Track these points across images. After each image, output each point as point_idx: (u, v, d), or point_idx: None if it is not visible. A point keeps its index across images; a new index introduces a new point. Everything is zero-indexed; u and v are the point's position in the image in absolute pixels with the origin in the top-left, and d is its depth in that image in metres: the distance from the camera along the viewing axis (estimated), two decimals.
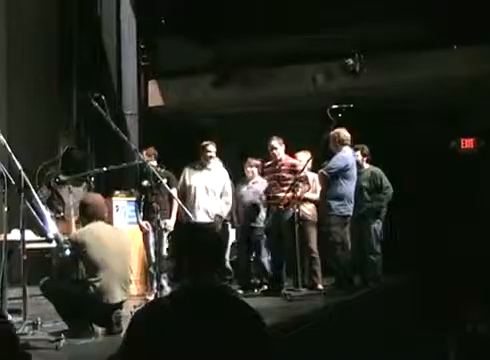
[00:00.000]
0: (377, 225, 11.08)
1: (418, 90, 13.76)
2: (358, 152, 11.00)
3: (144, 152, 10.40)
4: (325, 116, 9.93)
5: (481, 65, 12.82)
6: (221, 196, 10.70)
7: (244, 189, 11.25)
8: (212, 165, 10.68)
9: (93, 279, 6.69)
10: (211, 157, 10.62)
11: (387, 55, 13.45)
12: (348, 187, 10.29)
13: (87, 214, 6.98)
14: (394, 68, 13.31)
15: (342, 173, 10.25)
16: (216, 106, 15.21)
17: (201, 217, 10.34)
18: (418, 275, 11.61)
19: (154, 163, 10.61)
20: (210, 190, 10.61)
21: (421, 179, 13.63)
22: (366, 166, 11.20)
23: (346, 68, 13.48)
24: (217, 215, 10.61)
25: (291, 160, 10.65)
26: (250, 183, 11.24)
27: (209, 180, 10.63)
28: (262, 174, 11.09)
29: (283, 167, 10.57)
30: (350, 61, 13.42)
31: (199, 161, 10.72)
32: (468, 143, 14.93)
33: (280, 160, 10.59)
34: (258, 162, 11.28)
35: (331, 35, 13.27)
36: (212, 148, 10.65)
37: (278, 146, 10.58)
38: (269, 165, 10.81)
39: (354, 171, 10.44)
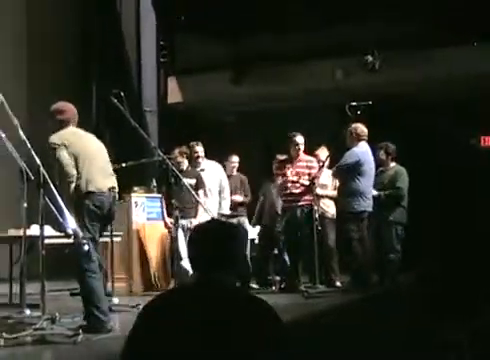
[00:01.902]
0: (397, 223, 11.00)
1: (437, 87, 13.73)
2: (382, 151, 10.86)
3: (176, 151, 10.41)
4: (344, 112, 9.90)
5: None
6: (219, 193, 10.67)
7: (271, 187, 11.21)
8: (204, 165, 10.63)
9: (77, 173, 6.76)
10: (198, 157, 10.57)
11: (406, 52, 13.40)
12: (362, 183, 10.19)
13: (64, 120, 6.95)
14: (412, 65, 13.27)
15: (355, 169, 10.18)
16: (235, 102, 15.21)
17: (203, 217, 10.29)
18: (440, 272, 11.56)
19: (186, 162, 10.63)
20: (208, 190, 10.54)
21: (442, 177, 13.59)
22: (392, 164, 10.99)
23: (365, 65, 13.46)
24: (219, 213, 10.56)
25: (308, 157, 10.64)
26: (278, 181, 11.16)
27: (206, 180, 10.54)
28: (276, 169, 11.04)
29: (300, 163, 10.55)
30: (369, 58, 13.40)
31: (192, 163, 10.65)
32: (488, 140, 14.90)
33: (298, 156, 10.58)
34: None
35: (350, 32, 13.24)
36: (199, 148, 10.60)
37: (302, 142, 10.56)
38: (283, 161, 10.78)
39: (368, 167, 10.33)
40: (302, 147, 10.53)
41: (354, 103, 9.96)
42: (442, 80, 13.37)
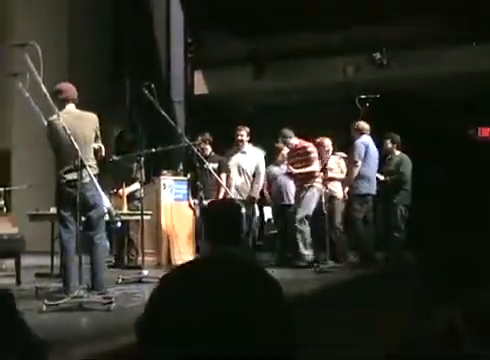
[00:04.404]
0: (401, 205, 11.13)
1: (440, 83, 13.69)
2: (388, 140, 11.13)
3: (199, 138, 10.45)
4: (354, 105, 9.95)
5: None
6: (254, 176, 10.69)
7: (275, 170, 11.24)
8: (246, 148, 10.67)
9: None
10: (241, 141, 10.59)
11: (411, 50, 13.37)
12: (366, 168, 10.43)
13: (63, 99, 6.85)
14: (419, 62, 13.24)
15: (363, 157, 10.43)
16: (255, 95, 15.25)
17: (234, 196, 10.36)
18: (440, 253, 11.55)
19: (209, 148, 10.68)
20: (243, 171, 10.60)
21: (444, 165, 13.56)
22: (397, 153, 11.25)
23: (374, 61, 13.43)
24: (249, 194, 10.60)
25: (304, 143, 10.69)
26: (281, 165, 11.22)
27: (242, 161, 10.61)
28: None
29: (299, 151, 10.62)
30: (378, 55, 13.37)
31: (235, 144, 10.73)
32: (484, 132, 14.89)
33: (296, 145, 10.64)
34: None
35: (361, 31, 13.22)
36: (242, 133, 10.63)
37: (292, 135, 10.64)
38: (289, 152, 10.88)
39: (372, 155, 10.57)
40: (290, 140, 10.58)
41: (363, 96, 10.02)
42: (444, 76, 13.34)
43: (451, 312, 9.21)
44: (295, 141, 10.62)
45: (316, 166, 10.47)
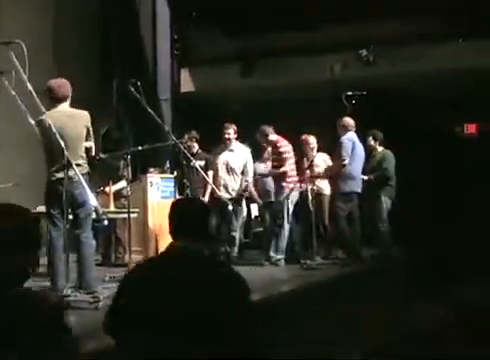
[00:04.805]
0: (386, 198, 11.22)
1: (426, 79, 13.73)
2: (370, 137, 11.21)
3: (186, 136, 10.46)
4: (341, 102, 9.99)
5: (484, 57, 12.76)
6: (242, 174, 10.70)
7: (262, 167, 11.26)
8: (234, 146, 10.68)
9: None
10: (229, 139, 10.60)
11: (398, 47, 13.40)
12: (351, 166, 10.46)
13: (54, 97, 6.82)
14: (405, 59, 13.27)
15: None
16: (242, 93, 15.25)
17: (222, 193, 10.37)
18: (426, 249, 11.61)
19: (196, 146, 10.68)
20: (231, 169, 10.62)
21: (430, 161, 13.63)
22: (380, 149, 11.33)
23: (361, 58, 13.45)
24: (238, 192, 10.62)
25: (279, 142, 10.64)
26: (268, 162, 11.23)
27: (230, 159, 10.63)
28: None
29: (275, 150, 10.63)
30: (364, 52, 13.39)
31: (223, 142, 10.75)
32: (471, 128, 14.97)
33: (274, 143, 10.61)
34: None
35: (348, 28, 13.25)
36: (230, 131, 10.64)
37: (270, 132, 10.60)
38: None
39: (356, 153, 10.60)
40: (270, 137, 10.56)
41: (350, 93, 10.06)
42: (431, 73, 13.38)
43: (436, 307, 9.26)
44: (274, 138, 10.57)
45: (289, 166, 10.41)
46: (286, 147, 10.48)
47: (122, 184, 9.70)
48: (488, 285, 9.80)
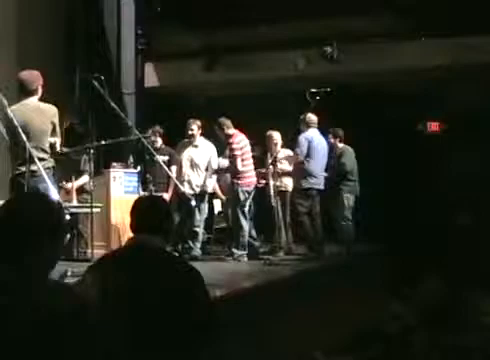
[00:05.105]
0: (348, 194, 11.31)
1: (390, 77, 13.83)
2: (330, 135, 11.34)
3: (150, 130, 10.44)
4: (305, 98, 10.04)
5: (447, 56, 12.89)
6: (206, 170, 10.71)
7: (225, 163, 11.27)
8: (198, 141, 10.68)
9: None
10: (192, 135, 10.61)
11: (362, 45, 13.48)
12: (309, 163, 10.53)
13: (23, 90, 6.79)
14: (369, 56, 13.35)
15: (306, 152, 10.54)
16: (206, 88, 15.26)
17: (187, 189, 10.36)
18: (386, 244, 11.72)
19: (159, 140, 10.66)
20: (195, 164, 10.63)
21: (392, 158, 13.74)
22: (340, 145, 11.43)
23: (325, 55, 13.50)
24: (202, 188, 10.63)
25: (233, 138, 10.61)
26: None
27: (194, 155, 10.64)
28: None
29: (228, 145, 10.65)
30: (328, 49, 13.45)
31: (187, 138, 10.75)
32: (433, 126, 15.11)
33: (230, 137, 10.59)
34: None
35: (313, 25, 13.29)
36: (193, 127, 10.63)
37: (228, 125, 10.57)
38: None
39: (316, 150, 10.65)
40: (227, 130, 10.53)
41: (314, 90, 10.12)
42: (394, 71, 13.48)
43: (400, 304, 9.32)
44: (230, 132, 10.53)
45: (243, 162, 10.39)
46: (240, 143, 10.43)
47: (85, 179, 9.66)
48: (448, 281, 9.93)
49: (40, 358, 2.52)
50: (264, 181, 11.09)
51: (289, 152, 11.30)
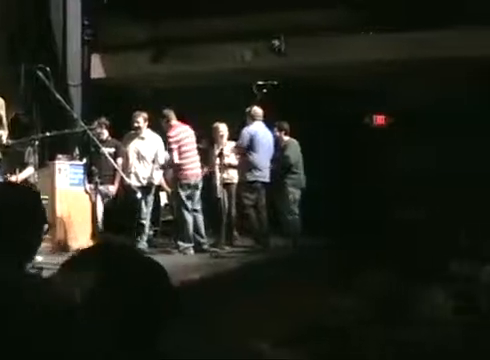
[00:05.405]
0: (292, 188, 11.39)
1: (338, 70, 13.91)
2: (275, 128, 11.42)
3: (96, 122, 10.38)
4: (251, 91, 10.07)
5: (397, 50, 13.00)
6: (153, 162, 10.71)
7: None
8: (145, 134, 10.67)
9: None
10: (139, 127, 10.60)
11: (310, 37, 13.53)
12: (254, 156, 10.61)
13: None
14: (317, 50, 13.41)
15: (248, 145, 10.59)
16: (153, 80, 15.20)
17: (133, 181, 10.35)
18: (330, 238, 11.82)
19: (105, 132, 10.61)
20: (142, 156, 10.61)
21: (338, 152, 13.86)
22: (285, 138, 11.51)
23: (272, 48, 13.52)
24: (148, 180, 10.63)
25: (172, 130, 10.64)
26: None
27: (141, 147, 10.63)
28: None
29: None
30: (276, 42, 13.47)
31: (133, 130, 10.72)
32: (379, 120, 15.28)
33: (169, 127, 10.62)
34: None
35: (261, 17, 13.31)
36: (139, 119, 10.62)
37: (171, 117, 10.58)
38: None
39: (261, 143, 10.72)
40: (169, 122, 10.54)
41: (260, 82, 10.16)
42: (342, 65, 13.56)
43: (346, 297, 9.43)
44: (171, 124, 10.54)
45: (181, 155, 10.40)
46: (178, 135, 10.43)
47: (29, 171, 9.58)
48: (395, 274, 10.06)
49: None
50: (210, 173, 11.12)
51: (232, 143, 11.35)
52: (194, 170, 10.45)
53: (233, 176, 11.26)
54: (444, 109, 13.44)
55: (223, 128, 11.26)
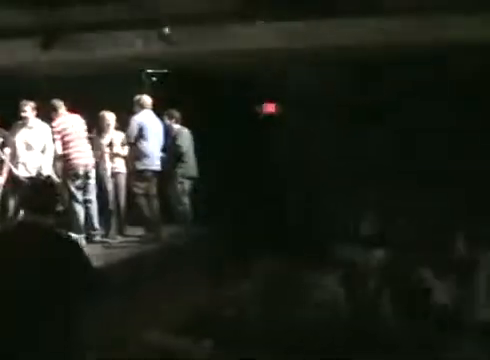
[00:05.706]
0: (181, 178, 11.43)
1: (228, 59, 13.98)
2: (166, 117, 11.43)
3: None
4: (140, 80, 10.04)
5: (285, 39, 13.14)
6: (42, 152, 10.57)
7: None
8: (33, 123, 10.51)
9: None
10: (25, 117, 10.45)
11: (202, 26, 13.52)
12: (143, 145, 10.64)
13: None
14: (207, 38, 13.42)
15: (138, 134, 10.60)
16: (43, 68, 14.93)
17: (21, 172, 10.20)
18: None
19: None
20: (30, 146, 10.48)
21: (230, 140, 13.95)
22: (176, 127, 11.52)
23: (163, 36, 13.45)
24: (38, 170, 10.49)
25: (57, 119, 10.62)
26: None
27: (29, 137, 10.49)
28: None
29: None
30: (166, 30, 13.40)
31: (20, 119, 10.57)
32: (269, 107, 15.46)
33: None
34: None
35: (151, 4, 13.22)
36: (26, 108, 10.49)
37: (60, 106, 10.53)
38: None
39: (151, 132, 10.74)
40: (57, 110, 10.49)
41: (150, 71, 10.15)
42: (234, 53, 13.63)
43: (238, 285, 9.55)
44: (61, 112, 10.47)
45: (65, 145, 10.35)
46: (60, 125, 10.38)
47: None
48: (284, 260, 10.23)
49: None
50: (96, 163, 11.02)
51: (123, 135, 11.31)
52: (81, 159, 10.37)
53: (121, 166, 11.19)
54: (328, 95, 13.74)
55: (109, 117, 11.20)
